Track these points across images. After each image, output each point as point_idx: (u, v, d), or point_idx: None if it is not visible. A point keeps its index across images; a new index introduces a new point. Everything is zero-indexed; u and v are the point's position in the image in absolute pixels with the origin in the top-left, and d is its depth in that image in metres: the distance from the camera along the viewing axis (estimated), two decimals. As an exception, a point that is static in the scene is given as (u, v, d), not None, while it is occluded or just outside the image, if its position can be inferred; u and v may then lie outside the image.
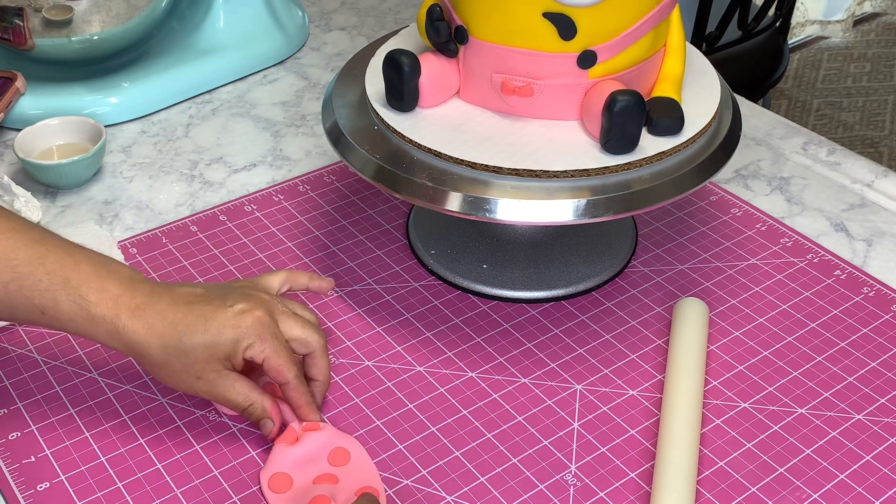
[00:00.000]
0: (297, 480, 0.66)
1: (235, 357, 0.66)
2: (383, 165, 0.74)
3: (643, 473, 0.67)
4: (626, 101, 0.69)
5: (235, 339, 0.65)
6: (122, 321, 0.64)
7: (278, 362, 0.66)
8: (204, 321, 0.65)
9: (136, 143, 1.02)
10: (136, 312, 0.65)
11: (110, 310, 0.64)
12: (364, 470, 0.67)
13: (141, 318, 0.65)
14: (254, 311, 0.67)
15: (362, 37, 1.22)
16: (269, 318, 0.67)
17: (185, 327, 0.65)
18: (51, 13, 0.98)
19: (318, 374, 0.70)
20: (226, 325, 0.65)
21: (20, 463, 0.68)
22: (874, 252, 0.87)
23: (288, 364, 0.67)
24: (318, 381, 0.70)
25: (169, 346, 0.64)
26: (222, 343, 0.65)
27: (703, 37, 1.85)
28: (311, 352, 0.69)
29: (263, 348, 0.66)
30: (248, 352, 0.66)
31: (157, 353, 0.65)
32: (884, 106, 2.76)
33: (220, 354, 0.65)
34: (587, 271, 0.83)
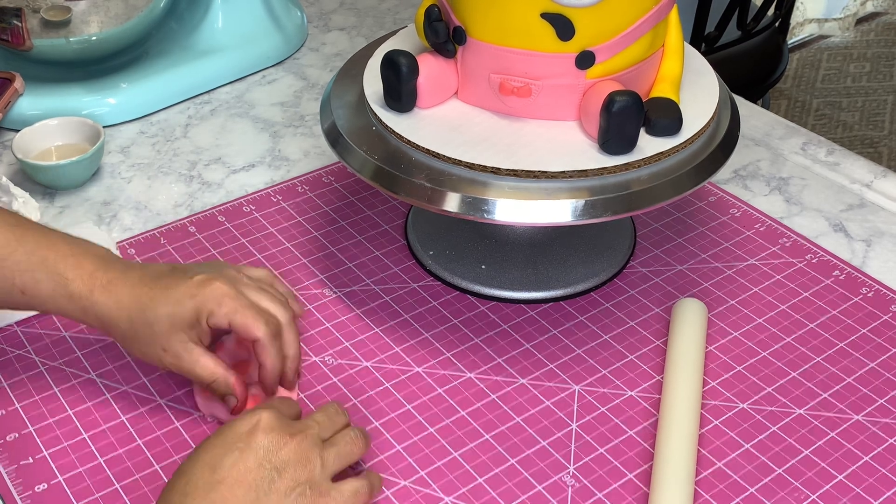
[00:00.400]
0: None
1: (199, 326, 0.67)
2: (381, 166, 0.74)
3: (642, 474, 0.67)
4: (624, 101, 0.69)
5: (195, 307, 0.66)
6: (95, 296, 0.67)
7: (244, 320, 0.67)
8: (166, 292, 0.67)
9: (134, 143, 1.02)
10: (107, 287, 0.67)
11: (85, 285, 0.67)
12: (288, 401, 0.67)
13: (112, 294, 0.67)
14: (214, 280, 0.67)
15: (361, 37, 1.22)
16: (230, 286, 0.68)
17: (148, 300, 0.66)
18: (49, 14, 0.98)
19: (286, 348, 0.70)
20: (185, 295, 0.66)
21: (18, 464, 0.68)
22: (873, 252, 0.87)
23: (255, 321, 0.67)
24: (288, 357, 0.70)
25: (134, 318, 0.66)
26: (183, 312, 0.66)
27: (702, 37, 1.85)
28: (256, 339, 0.68)
29: (225, 311, 0.66)
30: (212, 319, 0.67)
31: (124, 325, 0.67)
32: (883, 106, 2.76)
33: (182, 324, 0.66)
34: (586, 272, 0.83)
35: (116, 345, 0.77)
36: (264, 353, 0.68)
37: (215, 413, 0.71)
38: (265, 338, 0.67)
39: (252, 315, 0.67)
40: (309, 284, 0.83)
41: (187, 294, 0.66)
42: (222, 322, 0.67)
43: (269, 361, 0.68)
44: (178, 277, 0.68)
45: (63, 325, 0.78)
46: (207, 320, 0.67)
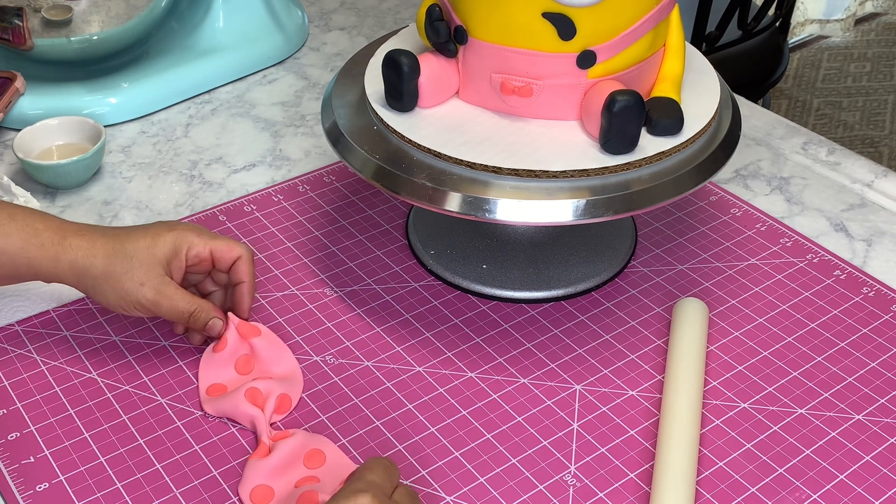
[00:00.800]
0: (279, 489, 0.65)
1: (176, 259, 0.71)
2: (383, 165, 0.74)
3: (643, 474, 0.67)
4: (625, 101, 0.69)
5: (174, 239, 0.71)
6: (69, 241, 0.70)
7: (224, 243, 0.73)
8: (143, 229, 0.72)
9: (135, 143, 1.02)
10: (80, 231, 0.71)
11: (57, 233, 0.70)
12: (342, 466, 0.67)
13: (85, 236, 0.70)
14: (187, 223, 0.74)
15: (362, 37, 1.22)
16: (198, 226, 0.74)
17: (125, 236, 0.71)
18: (50, 13, 0.98)
19: (243, 275, 0.74)
20: (163, 229, 0.72)
21: (19, 463, 0.68)
22: (874, 252, 0.87)
23: (233, 242, 0.74)
24: (245, 283, 0.74)
25: (111, 252, 0.69)
26: (163, 244, 0.71)
27: (703, 37, 1.85)
28: (238, 256, 0.74)
29: (205, 240, 0.72)
30: (193, 250, 0.72)
31: (100, 262, 0.69)
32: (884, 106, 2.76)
33: (161, 256, 0.71)
34: (587, 271, 0.83)
35: (117, 344, 0.77)
36: (246, 266, 0.74)
37: (223, 409, 0.71)
38: (246, 253, 0.74)
39: (227, 239, 0.74)
40: (310, 284, 0.83)
41: (165, 228, 0.72)
42: (203, 250, 0.72)
43: (250, 276, 0.74)
44: (151, 224, 0.73)
45: (64, 325, 0.78)
46: (188, 252, 0.72)
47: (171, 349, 0.77)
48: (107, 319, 0.79)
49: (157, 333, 0.78)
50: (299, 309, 0.80)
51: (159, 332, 0.78)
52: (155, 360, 0.76)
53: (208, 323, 0.72)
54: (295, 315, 0.80)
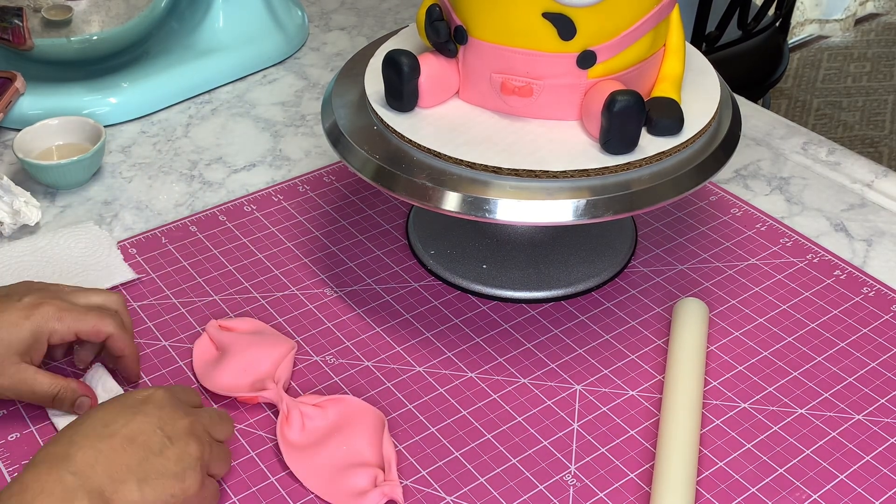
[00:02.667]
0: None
1: (38, 348, 0.67)
2: (383, 165, 0.74)
3: (643, 474, 0.67)
4: (625, 101, 0.69)
5: (32, 329, 0.67)
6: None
7: (90, 325, 0.68)
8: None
9: (135, 143, 1.02)
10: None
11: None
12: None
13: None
14: (46, 301, 0.68)
15: (362, 37, 1.22)
16: (60, 300, 0.69)
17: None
18: (50, 13, 0.98)
19: (120, 350, 0.70)
20: (18, 318, 0.67)
21: (20, 464, 0.68)
22: (874, 252, 0.87)
23: (100, 320, 0.68)
24: (126, 357, 0.71)
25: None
26: (19, 335, 0.66)
27: (703, 37, 1.85)
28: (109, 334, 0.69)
29: (68, 325, 0.68)
30: (55, 336, 0.68)
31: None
32: (884, 106, 2.76)
33: (18, 347, 0.67)
34: (587, 271, 0.83)
35: (117, 344, 0.77)
36: (120, 343, 0.70)
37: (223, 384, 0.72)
38: (117, 330, 0.69)
39: (95, 317, 0.68)
40: (310, 284, 0.83)
41: (21, 316, 0.67)
42: (68, 335, 0.68)
43: (129, 348, 0.70)
44: (6, 304, 0.68)
45: (64, 325, 0.78)
46: (50, 338, 0.68)
47: (171, 349, 0.77)
48: (107, 319, 0.79)
49: (158, 333, 0.78)
50: (299, 309, 0.80)
51: (159, 332, 0.78)
52: (155, 360, 0.76)
53: (76, 402, 0.69)
54: (295, 315, 0.80)
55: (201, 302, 0.81)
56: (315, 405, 0.70)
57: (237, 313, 0.80)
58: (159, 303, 0.81)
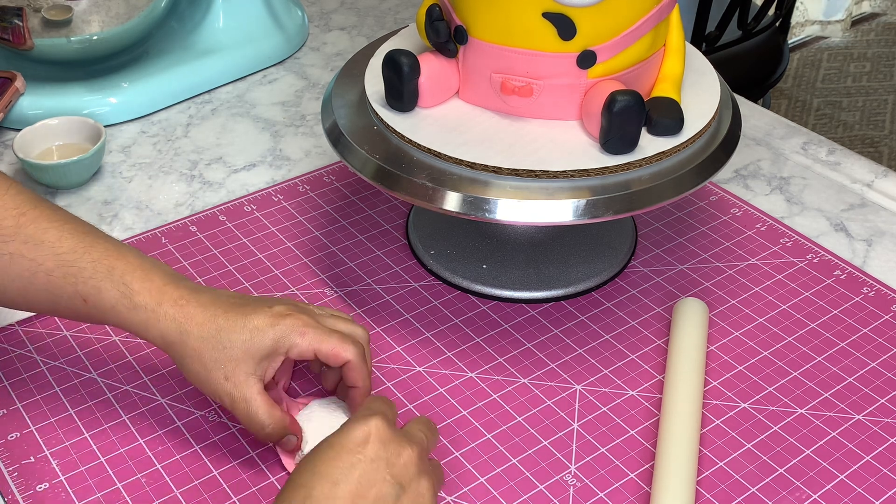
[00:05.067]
0: None
1: (274, 358, 0.65)
2: (383, 165, 0.74)
3: (643, 474, 0.67)
4: (625, 101, 0.69)
5: (275, 338, 0.64)
6: (164, 309, 0.64)
7: (331, 346, 0.65)
8: (244, 318, 0.64)
9: (135, 143, 1.02)
10: (178, 302, 0.65)
11: (153, 298, 0.64)
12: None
13: (182, 308, 0.64)
14: (293, 313, 0.66)
15: (362, 37, 1.22)
16: (308, 317, 0.66)
17: (224, 321, 0.64)
18: (50, 13, 0.98)
19: (355, 381, 0.67)
20: (265, 324, 0.64)
21: (19, 463, 0.68)
22: (874, 252, 0.87)
23: (342, 344, 0.65)
24: (357, 388, 0.68)
25: (206, 336, 0.64)
26: (261, 341, 0.64)
27: (703, 37, 1.85)
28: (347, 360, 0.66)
29: (309, 341, 0.65)
30: (294, 350, 0.65)
31: (192, 342, 0.64)
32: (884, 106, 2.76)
33: (256, 353, 0.64)
34: (587, 271, 0.83)
35: (118, 344, 0.77)
36: (356, 373, 0.67)
37: None
38: (356, 359, 0.66)
39: (337, 340, 0.66)
40: (310, 284, 0.83)
41: (268, 323, 0.64)
42: (307, 352, 0.65)
43: (362, 381, 0.67)
44: (255, 306, 0.66)
45: (64, 325, 0.78)
46: (289, 352, 0.65)
47: (172, 349, 0.77)
48: (107, 319, 0.79)
49: (158, 333, 0.78)
50: (299, 309, 0.80)
51: (159, 332, 0.78)
52: (155, 359, 0.76)
53: (283, 439, 0.66)
54: (295, 315, 0.80)
55: (201, 302, 0.81)
56: None
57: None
58: (159, 303, 0.81)
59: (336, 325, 0.68)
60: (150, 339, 0.65)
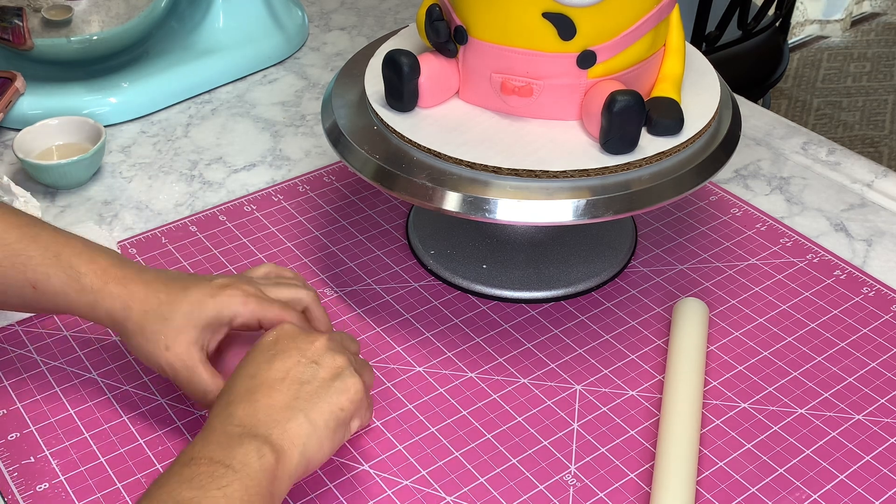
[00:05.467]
0: None
1: (213, 329, 0.67)
2: (383, 165, 0.74)
3: (643, 474, 0.67)
4: (625, 101, 0.69)
5: (216, 308, 0.66)
6: (109, 288, 0.66)
7: (272, 314, 0.67)
8: (184, 292, 0.67)
9: (135, 143, 1.02)
10: (122, 281, 0.67)
11: (99, 279, 0.67)
12: None
13: (126, 287, 0.67)
14: (235, 284, 0.68)
15: (362, 37, 1.22)
16: (250, 286, 0.68)
17: (166, 295, 0.66)
18: (50, 13, 0.98)
19: (319, 325, 0.71)
20: (205, 295, 0.66)
21: (20, 463, 0.68)
22: (874, 252, 0.87)
23: (283, 311, 0.68)
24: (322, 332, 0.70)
25: (148, 310, 0.66)
26: (202, 312, 0.66)
27: (703, 37, 1.85)
28: (306, 307, 0.71)
29: (251, 310, 0.67)
30: (237, 320, 0.67)
31: (135, 317, 0.66)
32: (884, 106, 2.76)
33: (198, 324, 0.66)
34: (587, 271, 0.83)
35: (118, 344, 0.77)
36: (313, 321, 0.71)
37: None
38: (298, 323, 0.68)
39: (279, 308, 0.68)
40: (310, 284, 0.83)
41: (208, 294, 0.67)
42: (251, 321, 0.67)
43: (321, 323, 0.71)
44: (196, 280, 0.68)
45: (64, 325, 0.78)
46: (232, 321, 0.67)
47: (172, 349, 0.77)
48: (107, 319, 0.79)
49: (158, 333, 0.78)
50: (299, 309, 0.80)
51: (159, 332, 0.78)
52: (155, 360, 0.76)
53: None
54: (295, 315, 0.80)
55: (201, 302, 0.81)
56: None
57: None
58: (159, 303, 0.81)
59: (280, 293, 0.70)
60: (98, 319, 0.67)
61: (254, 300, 0.67)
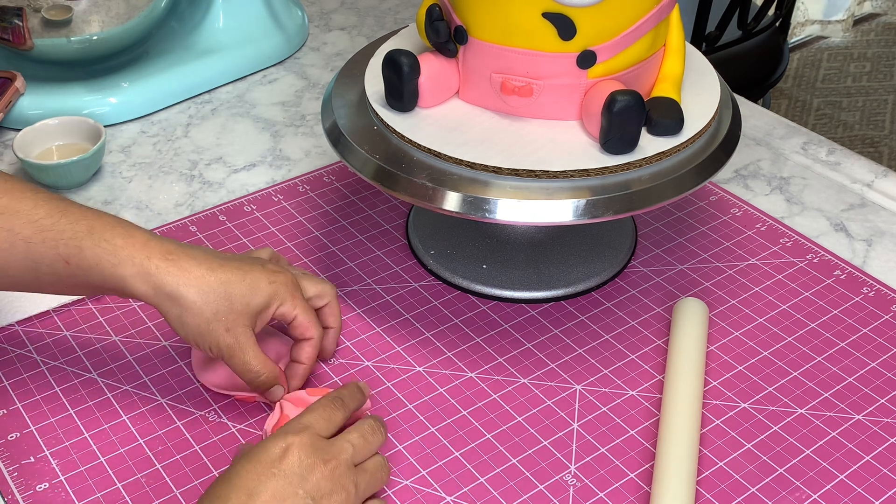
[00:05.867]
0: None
1: (266, 313, 0.68)
2: (383, 165, 0.74)
3: (643, 474, 0.67)
4: (625, 101, 0.69)
5: (271, 294, 0.68)
6: (155, 262, 0.65)
7: (307, 319, 0.70)
8: (242, 273, 0.67)
9: (135, 143, 1.02)
10: (168, 257, 0.65)
11: (140, 252, 0.65)
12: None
13: (175, 262, 0.65)
14: (284, 272, 0.69)
15: (362, 37, 1.22)
16: (294, 279, 0.70)
17: (223, 274, 0.66)
18: (50, 13, 0.98)
19: (333, 321, 0.74)
20: (262, 280, 0.67)
21: (19, 463, 0.68)
22: (874, 252, 0.87)
23: (315, 322, 0.70)
24: (334, 329, 0.74)
25: (208, 289, 0.65)
26: (259, 296, 0.67)
27: (703, 37, 1.85)
28: (328, 302, 0.73)
29: (295, 305, 0.69)
30: (282, 308, 0.68)
31: (192, 295, 0.65)
32: (884, 106, 2.76)
33: (254, 308, 0.67)
34: (587, 271, 0.83)
35: (118, 344, 0.77)
36: (307, 350, 0.71)
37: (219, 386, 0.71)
38: (317, 338, 0.71)
39: (313, 317, 0.70)
40: (310, 284, 0.83)
41: (265, 280, 0.68)
42: (290, 313, 0.69)
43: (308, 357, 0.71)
44: (249, 262, 0.69)
45: (64, 325, 0.78)
46: (278, 308, 0.68)
47: (172, 349, 0.77)
48: (107, 319, 0.79)
49: (158, 333, 0.78)
50: (299, 309, 0.80)
51: (159, 332, 0.78)
52: (155, 360, 0.76)
53: (271, 388, 0.69)
54: (295, 315, 0.80)
55: (201, 302, 0.81)
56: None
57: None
58: (159, 303, 0.81)
59: (313, 287, 0.72)
60: (138, 294, 0.65)
61: (300, 297, 0.69)
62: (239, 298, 0.66)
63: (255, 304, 0.67)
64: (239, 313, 0.66)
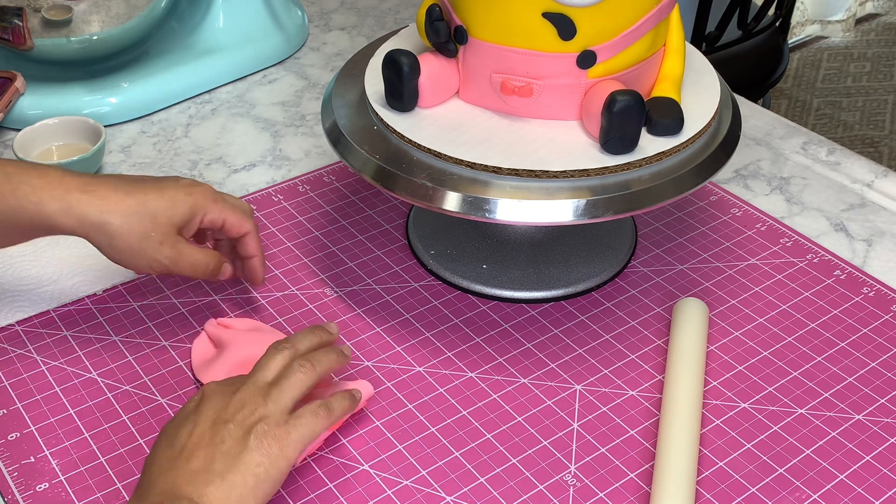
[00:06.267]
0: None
1: (192, 223, 0.72)
2: (383, 165, 0.74)
3: (643, 474, 0.67)
4: (625, 101, 0.69)
5: (192, 205, 0.71)
6: (75, 195, 0.68)
7: (236, 217, 0.74)
8: (159, 191, 0.71)
9: (135, 143, 1.02)
10: (86, 188, 0.68)
11: (58, 188, 0.68)
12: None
13: (94, 192, 0.68)
14: (202, 184, 0.73)
15: (362, 37, 1.22)
16: (213, 191, 0.74)
17: (142, 195, 0.70)
18: (50, 13, 0.98)
19: (253, 251, 0.77)
20: (179, 193, 0.71)
21: (19, 463, 0.68)
22: (874, 252, 0.87)
23: (245, 217, 0.74)
24: (256, 257, 0.77)
25: (131, 212, 0.68)
26: (180, 209, 0.71)
27: (703, 37, 1.85)
28: (247, 231, 0.75)
29: (220, 209, 0.73)
30: (208, 216, 0.72)
31: (117, 221, 0.68)
32: (884, 106, 2.76)
33: (178, 221, 0.71)
34: (587, 271, 0.83)
35: (118, 344, 0.77)
36: (253, 242, 0.76)
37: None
38: (254, 230, 0.75)
39: (242, 213, 0.74)
40: (310, 284, 0.83)
41: (182, 192, 0.71)
42: (218, 218, 0.73)
43: (260, 250, 0.77)
44: (163, 180, 0.72)
45: (64, 325, 0.78)
46: (203, 217, 0.72)
47: (171, 349, 0.77)
48: (107, 319, 0.79)
49: (158, 333, 0.78)
50: (299, 309, 0.80)
51: (159, 332, 0.78)
52: (155, 360, 0.76)
53: (221, 268, 0.74)
54: (295, 315, 0.80)
55: (201, 302, 0.81)
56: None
57: (237, 313, 0.80)
58: (159, 303, 0.81)
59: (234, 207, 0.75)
60: (66, 229, 0.68)
61: (221, 201, 0.73)
62: (162, 213, 0.70)
63: (178, 217, 0.70)
64: (165, 226, 0.70)
